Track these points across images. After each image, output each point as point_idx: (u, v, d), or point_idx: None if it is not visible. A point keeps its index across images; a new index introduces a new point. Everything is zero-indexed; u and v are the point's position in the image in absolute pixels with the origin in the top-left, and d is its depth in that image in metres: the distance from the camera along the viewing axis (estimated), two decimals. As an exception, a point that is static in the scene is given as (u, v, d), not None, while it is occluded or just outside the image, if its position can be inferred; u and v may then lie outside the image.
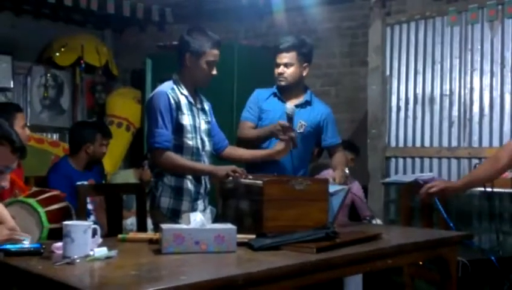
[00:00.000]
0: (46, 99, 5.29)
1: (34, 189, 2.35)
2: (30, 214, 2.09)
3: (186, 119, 2.47)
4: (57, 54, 5.17)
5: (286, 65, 2.84)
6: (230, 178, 2.30)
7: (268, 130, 2.72)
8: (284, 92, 2.91)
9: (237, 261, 1.78)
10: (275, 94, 2.93)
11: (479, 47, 3.75)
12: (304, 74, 2.90)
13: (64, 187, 2.68)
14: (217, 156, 2.68)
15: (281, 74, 2.85)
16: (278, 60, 2.86)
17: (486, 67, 3.72)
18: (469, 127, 3.77)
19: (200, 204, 2.52)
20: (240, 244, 1.89)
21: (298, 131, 2.84)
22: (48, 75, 5.27)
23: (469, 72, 3.79)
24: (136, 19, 5.20)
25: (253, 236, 1.97)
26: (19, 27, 5.09)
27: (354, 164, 3.85)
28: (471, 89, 3.78)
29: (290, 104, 2.75)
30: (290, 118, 2.60)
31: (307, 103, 2.93)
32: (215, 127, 2.68)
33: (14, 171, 2.65)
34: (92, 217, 3.23)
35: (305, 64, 2.88)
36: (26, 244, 1.76)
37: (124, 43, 5.84)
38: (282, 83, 2.87)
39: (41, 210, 2.10)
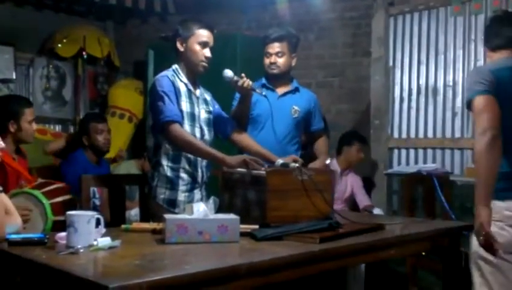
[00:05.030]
0: (48, 91, 5.29)
1: (40, 180, 2.36)
2: (35, 205, 2.10)
3: (184, 106, 2.47)
4: (59, 45, 5.16)
5: (278, 54, 2.90)
6: (241, 169, 2.28)
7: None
8: (273, 81, 2.97)
9: (240, 251, 1.79)
10: (263, 85, 2.96)
11: (483, 37, 3.73)
12: (293, 63, 2.99)
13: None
14: (226, 140, 2.68)
15: (273, 62, 2.91)
16: (270, 50, 2.91)
17: (490, 58, 3.70)
18: (472, 118, 3.76)
19: (197, 193, 2.51)
20: (243, 234, 1.89)
21: (293, 116, 2.94)
22: (50, 66, 5.27)
23: (472, 62, 3.76)
24: (138, 10, 5.18)
25: (257, 226, 1.97)
26: (20, 18, 5.08)
27: (362, 154, 3.84)
28: (475, 79, 3.76)
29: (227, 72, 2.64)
30: (231, 79, 2.58)
31: (296, 90, 3.03)
32: (220, 113, 2.69)
33: (19, 162, 2.67)
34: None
35: (293, 55, 2.97)
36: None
37: (126, 34, 5.82)
38: (275, 71, 2.92)
39: (46, 202, 2.11)
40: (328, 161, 2.98)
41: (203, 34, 2.49)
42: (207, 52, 2.49)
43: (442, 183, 3.27)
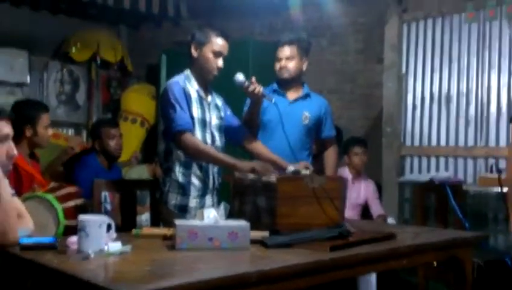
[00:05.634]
0: (62, 95, 5.34)
1: (53, 184, 2.36)
2: (47, 209, 2.10)
3: (195, 112, 2.47)
4: (73, 49, 5.21)
5: (288, 58, 2.91)
6: (251, 175, 2.27)
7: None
8: (284, 86, 2.97)
9: (250, 258, 1.78)
10: (274, 90, 2.97)
11: (497, 45, 3.70)
12: (304, 68, 2.98)
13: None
14: (238, 146, 2.68)
15: (283, 67, 2.91)
16: (280, 54, 2.92)
17: (504, 66, 3.67)
18: (486, 126, 3.73)
19: (208, 199, 2.52)
20: (254, 241, 1.88)
21: (303, 123, 2.93)
22: (64, 70, 5.32)
23: (486, 70, 3.74)
24: (152, 15, 5.22)
25: (267, 233, 1.96)
26: (35, 22, 5.13)
27: (366, 157, 3.83)
28: (489, 87, 3.73)
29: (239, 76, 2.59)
30: (242, 84, 2.54)
31: (307, 96, 3.02)
32: (232, 119, 2.68)
33: (33, 165, 2.69)
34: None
35: (304, 59, 2.96)
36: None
37: (139, 38, 5.86)
38: (286, 75, 2.92)
39: (59, 207, 2.12)
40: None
41: (219, 43, 2.48)
42: (220, 62, 2.49)
43: (455, 192, 3.24)
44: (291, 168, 2.38)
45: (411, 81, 4.06)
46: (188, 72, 2.54)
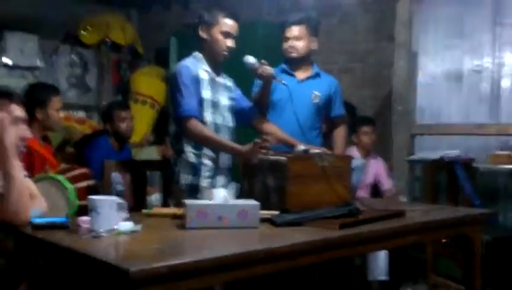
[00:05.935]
0: (73, 78, 5.36)
1: (64, 166, 2.40)
2: (59, 190, 2.13)
3: (206, 94, 2.47)
4: (83, 32, 5.21)
5: (296, 38, 2.89)
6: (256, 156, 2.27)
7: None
8: (293, 66, 2.96)
9: (259, 236, 1.80)
10: (283, 70, 2.95)
11: (511, 21, 3.64)
12: (313, 47, 2.96)
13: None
14: (249, 127, 2.68)
15: (291, 46, 2.90)
16: (288, 34, 2.91)
17: (518, 42, 3.62)
18: (498, 104, 3.69)
19: (219, 179, 2.52)
20: (263, 220, 1.90)
21: (313, 102, 2.92)
22: (74, 53, 5.34)
23: (500, 46, 3.68)
24: (161, -3, 5.19)
25: (277, 212, 1.98)
26: (45, 6, 5.13)
27: (374, 136, 3.81)
28: (502, 64, 3.68)
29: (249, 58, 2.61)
30: (253, 67, 2.56)
31: (317, 75, 3.01)
32: (242, 100, 2.68)
33: (44, 147, 2.73)
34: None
35: (313, 38, 2.94)
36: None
37: (149, 21, 5.84)
38: (294, 55, 2.91)
39: (70, 187, 2.15)
40: None
41: (228, 24, 2.47)
42: (229, 42, 2.48)
43: (466, 170, 3.22)
44: (301, 147, 2.38)
45: (423, 58, 4.01)
46: (197, 53, 2.53)
